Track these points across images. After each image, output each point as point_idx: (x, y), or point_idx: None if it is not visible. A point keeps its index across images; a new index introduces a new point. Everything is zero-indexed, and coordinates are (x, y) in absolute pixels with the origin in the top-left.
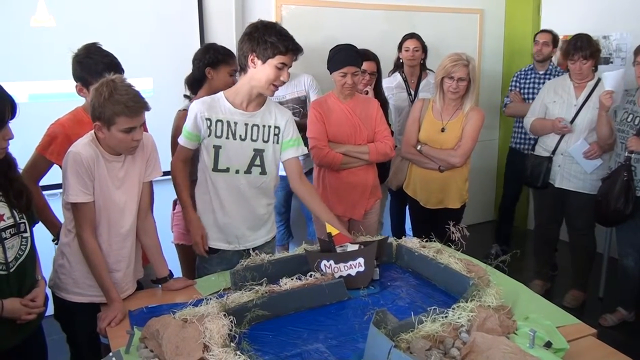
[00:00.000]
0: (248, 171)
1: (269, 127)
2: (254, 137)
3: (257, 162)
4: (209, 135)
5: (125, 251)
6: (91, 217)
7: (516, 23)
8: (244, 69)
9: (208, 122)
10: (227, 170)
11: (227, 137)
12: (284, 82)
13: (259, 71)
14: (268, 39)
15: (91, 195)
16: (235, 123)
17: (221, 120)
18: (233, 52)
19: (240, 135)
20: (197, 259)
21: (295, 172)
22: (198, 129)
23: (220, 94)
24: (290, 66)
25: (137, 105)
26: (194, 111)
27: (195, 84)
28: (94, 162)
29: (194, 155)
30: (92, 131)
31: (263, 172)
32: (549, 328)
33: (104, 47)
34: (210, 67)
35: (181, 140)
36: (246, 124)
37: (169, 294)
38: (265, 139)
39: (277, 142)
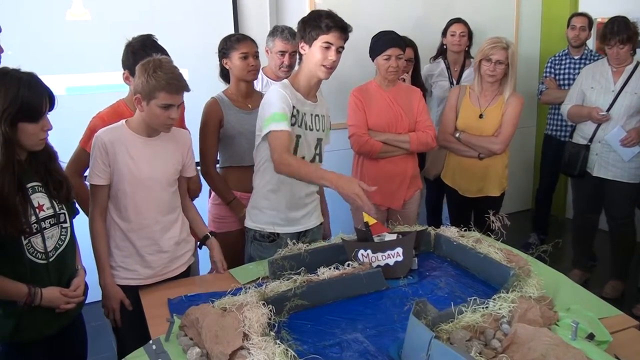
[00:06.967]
0: (312, 160)
1: (326, 117)
2: (318, 127)
3: (318, 150)
4: (292, 124)
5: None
6: (103, 201)
7: (553, 5)
8: (301, 59)
9: (294, 110)
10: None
11: (300, 127)
12: (333, 62)
13: (308, 55)
14: (312, 22)
15: (105, 179)
16: (304, 114)
17: (298, 110)
18: (243, 35)
19: (309, 126)
20: (250, 247)
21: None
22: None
23: (287, 82)
24: (341, 47)
25: (178, 84)
26: (282, 94)
27: (224, 77)
28: (114, 145)
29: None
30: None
31: (320, 160)
32: (591, 320)
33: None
34: (224, 57)
35: (280, 125)
36: (312, 114)
37: (207, 283)
38: (324, 128)
39: (327, 130)
